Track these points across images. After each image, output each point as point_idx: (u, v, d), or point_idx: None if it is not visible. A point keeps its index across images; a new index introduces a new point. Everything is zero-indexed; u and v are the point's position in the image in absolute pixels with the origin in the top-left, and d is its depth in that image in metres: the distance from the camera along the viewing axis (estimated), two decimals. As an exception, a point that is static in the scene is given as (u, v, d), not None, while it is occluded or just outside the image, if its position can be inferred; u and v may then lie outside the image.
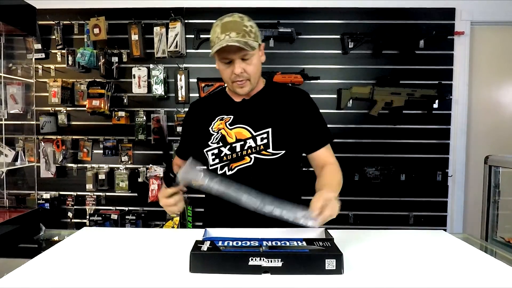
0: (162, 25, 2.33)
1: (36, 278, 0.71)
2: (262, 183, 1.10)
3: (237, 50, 1.03)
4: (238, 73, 1.05)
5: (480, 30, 2.45)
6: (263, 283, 0.68)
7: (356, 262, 0.78)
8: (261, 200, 0.91)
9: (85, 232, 1.00)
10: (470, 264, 0.79)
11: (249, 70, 1.07)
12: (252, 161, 1.10)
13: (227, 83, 1.13)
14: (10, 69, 2.37)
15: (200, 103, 1.27)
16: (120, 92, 2.44)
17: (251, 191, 0.94)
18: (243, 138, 1.10)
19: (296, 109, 1.15)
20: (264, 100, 1.17)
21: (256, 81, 1.12)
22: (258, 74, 1.13)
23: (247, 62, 1.06)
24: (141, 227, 2.37)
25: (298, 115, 1.15)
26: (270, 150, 1.09)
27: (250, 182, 1.10)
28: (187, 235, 0.99)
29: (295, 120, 1.14)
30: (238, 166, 1.11)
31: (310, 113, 1.18)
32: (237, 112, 1.14)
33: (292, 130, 1.13)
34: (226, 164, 1.12)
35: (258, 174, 1.10)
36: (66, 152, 2.43)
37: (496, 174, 1.60)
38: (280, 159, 1.10)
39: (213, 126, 1.15)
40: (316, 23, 2.38)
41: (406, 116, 2.37)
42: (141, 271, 0.74)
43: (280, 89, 1.23)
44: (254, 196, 0.91)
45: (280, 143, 1.09)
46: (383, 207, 2.41)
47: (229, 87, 1.14)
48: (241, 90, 1.09)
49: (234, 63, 1.05)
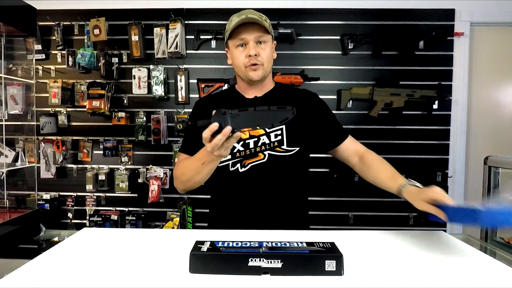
0: (162, 26, 2.34)
1: (36, 278, 0.71)
2: (275, 180, 1.11)
3: (253, 31, 1.06)
4: (253, 54, 1.06)
5: (479, 31, 2.45)
6: (263, 284, 0.68)
7: (356, 263, 0.78)
8: None
9: (85, 233, 1.00)
10: (470, 264, 0.79)
11: (263, 55, 1.09)
12: (266, 158, 1.10)
13: (239, 70, 1.12)
14: (10, 70, 2.37)
15: (208, 100, 1.26)
16: (120, 92, 2.44)
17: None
18: (256, 134, 1.10)
19: (309, 109, 1.17)
20: (275, 98, 1.18)
21: (268, 70, 1.14)
22: (270, 65, 1.14)
23: (261, 47, 1.09)
24: (141, 228, 2.37)
25: (311, 115, 1.16)
26: (285, 146, 1.09)
27: (264, 178, 1.11)
28: (187, 235, 0.99)
29: (308, 119, 1.15)
30: (252, 163, 1.10)
31: (325, 111, 1.21)
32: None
33: (305, 128, 1.14)
34: (239, 161, 1.11)
35: (272, 171, 1.10)
36: (66, 153, 2.43)
37: (496, 174, 1.60)
38: (294, 156, 1.11)
39: None
40: (316, 24, 2.38)
41: (406, 116, 2.38)
42: (141, 271, 0.74)
43: (290, 89, 1.26)
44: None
45: (295, 140, 1.10)
46: (383, 208, 2.41)
47: (241, 74, 1.13)
48: (254, 74, 1.09)
49: (248, 46, 1.07)
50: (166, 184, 2.40)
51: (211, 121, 0.83)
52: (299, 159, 1.12)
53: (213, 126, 0.82)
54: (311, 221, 1.23)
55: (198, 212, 2.42)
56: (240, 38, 1.07)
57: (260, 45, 1.09)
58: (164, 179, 2.39)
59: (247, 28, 1.06)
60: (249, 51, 1.07)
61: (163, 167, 2.41)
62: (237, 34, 1.07)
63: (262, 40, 1.08)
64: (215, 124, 0.82)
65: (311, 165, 1.24)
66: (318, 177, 2.31)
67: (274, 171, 1.10)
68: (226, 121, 0.82)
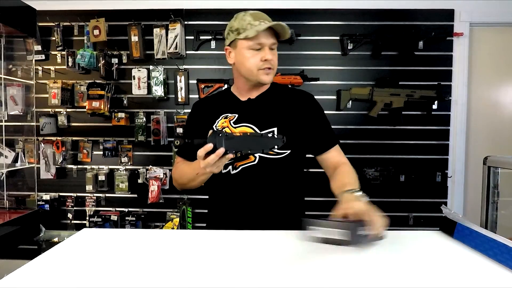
0: (162, 27, 2.34)
1: (36, 279, 0.71)
2: (266, 182, 1.11)
3: (271, 37, 1.09)
4: (269, 59, 1.09)
5: (479, 31, 2.46)
6: (263, 284, 0.69)
7: (356, 263, 0.78)
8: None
9: (85, 233, 1.00)
10: (470, 264, 0.79)
11: (275, 60, 1.12)
12: (257, 160, 1.10)
13: (249, 73, 1.12)
14: (10, 70, 2.37)
15: (204, 102, 1.27)
16: (120, 93, 2.44)
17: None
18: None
19: (302, 110, 1.16)
20: (269, 100, 1.18)
21: (274, 75, 1.15)
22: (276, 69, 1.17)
23: (273, 52, 1.11)
24: (141, 228, 2.37)
25: (304, 116, 1.16)
26: (276, 150, 1.09)
27: (254, 181, 1.11)
28: (186, 236, 0.99)
29: (301, 121, 1.15)
30: (243, 165, 1.11)
31: (317, 115, 1.19)
32: (242, 111, 1.15)
33: (297, 131, 1.13)
34: (230, 163, 1.11)
35: (263, 173, 1.10)
36: (66, 153, 2.43)
37: (495, 174, 1.60)
38: (285, 159, 1.11)
39: (217, 124, 1.15)
40: (316, 24, 2.38)
41: (405, 117, 2.38)
42: (141, 272, 0.74)
43: (285, 90, 1.25)
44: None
45: (286, 143, 1.10)
46: (382, 208, 2.36)
47: (251, 76, 1.12)
48: (267, 77, 1.11)
49: (264, 50, 1.09)
50: (166, 184, 2.40)
51: (206, 141, 0.91)
52: (291, 162, 1.12)
53: (208, 146, 0.90)
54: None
55: (198, 213, 2.42)
56: (258, 43, 1.08)
57: (273, 51, 1.11)
58: (164, 180, 2.39)
59: (267, 34, 1.07)
60: (266, 55, 1.08)
61: (163, 168, 2.41)
62: (256, 38, 1.07)
63: (273, 47, 1.11)
64: (209, 145, 0.90)
65: (311, 165, 1.23)
66: (318, 177, 2.30)
67: (265, 174, 1.10)
68: (220, 142, 0.90)
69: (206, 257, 0.82)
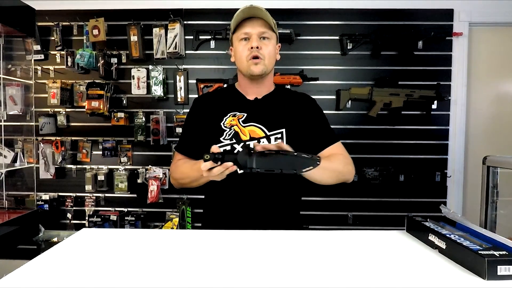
0: (161, 26, 2.34)
1: (35, 279, 0.71)
2: (268, 181, 1.11)
3: (257, 26, 1.09)
4: (254, 46, 1.08)
5: (478, 31, 2.46)
6: (263, 284, 0.69)
7: (356, 263, 0.78)
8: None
9: (84, 233, 1.00)
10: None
11: (265, 50, 1.11)
12: None
13: (241, 64, 1.13)
14: (9, 70, 2.37)
15: (207, 97, 1.27)
16: (119, 93, 2.44)
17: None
18: (256, 136, 1.11)
19: (305, 113, 1.18)
20: (276, 101, 1.19)
21: (269, 68, 1.15)
22: (272, 63, 1.16)
23: (264, 42, 1.11)
24: (140, 228, 2.36)
25: (307, 119, 1.18)
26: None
27: (256, 179, 1.11)
28: (186, 236, 0.99)
29: (304, 123, 1.16)
30: None
31: (318, 117, 1.21)
32: (251, 110, 1.15)
33: (303, 132, 1.15)
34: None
35: (262, 173, 1.10)
36: (65, 153, 2.43)
37: (495, 174, 1.61)
38: None
39: (225, 122, 1.15)
40: (315, 24, 2.38)
41: (405, 116, 2.38)
42: (140, 272, 0.74)
43: (289, 93, 1.28)
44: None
45: (294, 143, 1.10)
46: (382, 207, 2.41)
47: (243, 68, 1.14)
48: (256, 68, 1.11)
49: (251, 39, 1.10)
50: (165, 184, 2.40)
51: (237, 158, 0.86)
52: None
53: (228, 165, 0.88)
54: (310, 221, 1.23)
55: (197, 213, 2.42)
56: (244, 32, 1.10)
57: (264, 40, 1.11)
58: (163, 180, 2.39)
59: (252, 23, 1.09)
60: (251, 43, 1.09)
61: (162, 168, 2.41)
62: (241, 28, 1.09)
63: (265, 36, 1.11)
64: (230, 164, 0.87)
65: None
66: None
67: (264, 174, 1.10)
68: (252, 161, 0.85)
69: (206, 257, 0.82)
